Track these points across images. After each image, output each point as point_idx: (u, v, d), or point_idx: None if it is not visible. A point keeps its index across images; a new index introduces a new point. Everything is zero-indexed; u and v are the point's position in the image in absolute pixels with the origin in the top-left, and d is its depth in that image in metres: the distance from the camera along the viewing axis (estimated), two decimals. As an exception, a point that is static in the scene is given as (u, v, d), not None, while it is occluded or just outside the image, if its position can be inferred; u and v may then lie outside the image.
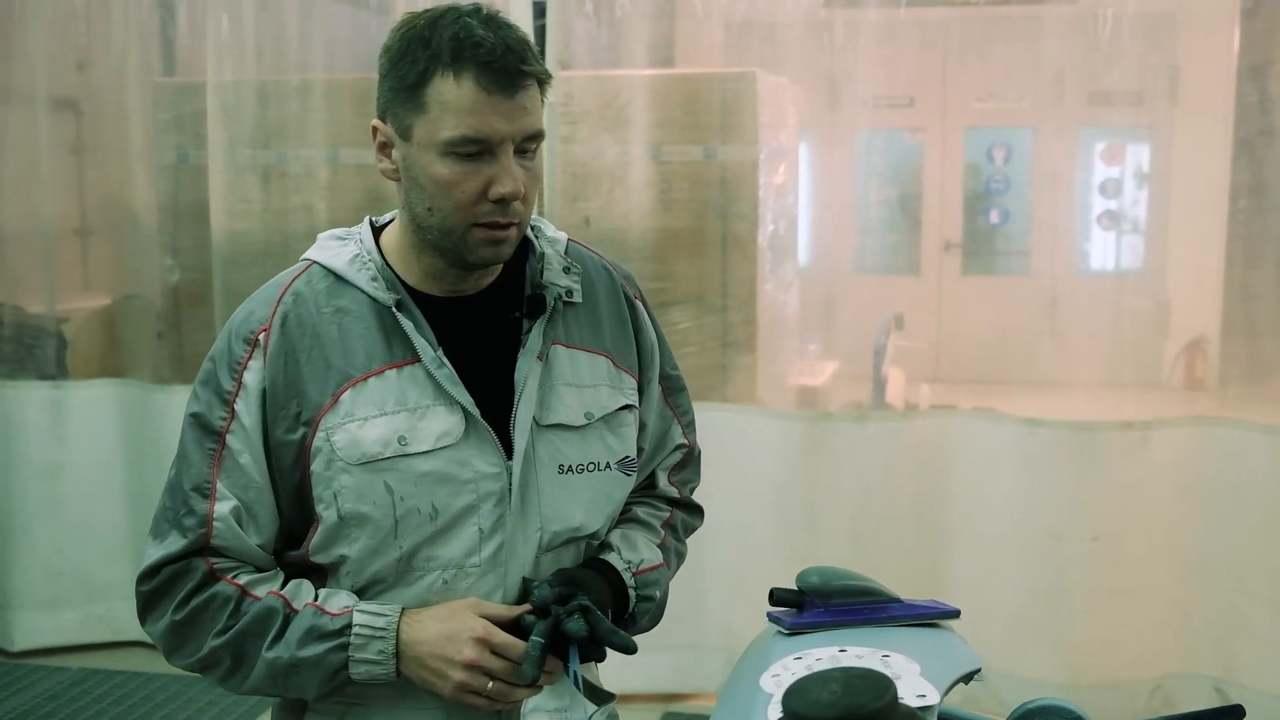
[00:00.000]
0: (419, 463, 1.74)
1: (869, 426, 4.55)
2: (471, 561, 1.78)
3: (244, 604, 1.75)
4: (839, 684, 1.34)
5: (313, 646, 1.72)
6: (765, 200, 4.73)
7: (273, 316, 1.77)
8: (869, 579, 1.85)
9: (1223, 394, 4.74)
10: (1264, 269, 4.46)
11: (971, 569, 4.44)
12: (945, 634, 1.80)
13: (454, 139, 1.67)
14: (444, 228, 1.73)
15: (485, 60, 1.65)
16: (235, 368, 1.76)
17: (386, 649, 1.72)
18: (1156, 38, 4.70)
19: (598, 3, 4.64)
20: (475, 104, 1.66)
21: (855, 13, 4.60)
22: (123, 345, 5.31)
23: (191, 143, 5.09)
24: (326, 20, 4.97)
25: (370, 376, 1.75)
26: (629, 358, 1.96)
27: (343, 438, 1.73)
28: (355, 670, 1.72)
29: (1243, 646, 4.29)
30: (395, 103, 1.72)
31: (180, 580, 1.76)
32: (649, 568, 1.96)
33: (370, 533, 1.74)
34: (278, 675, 1.74)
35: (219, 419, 1.75)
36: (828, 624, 1.79)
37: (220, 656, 1.75)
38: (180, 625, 1.75)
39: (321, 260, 1.82)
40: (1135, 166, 7.25)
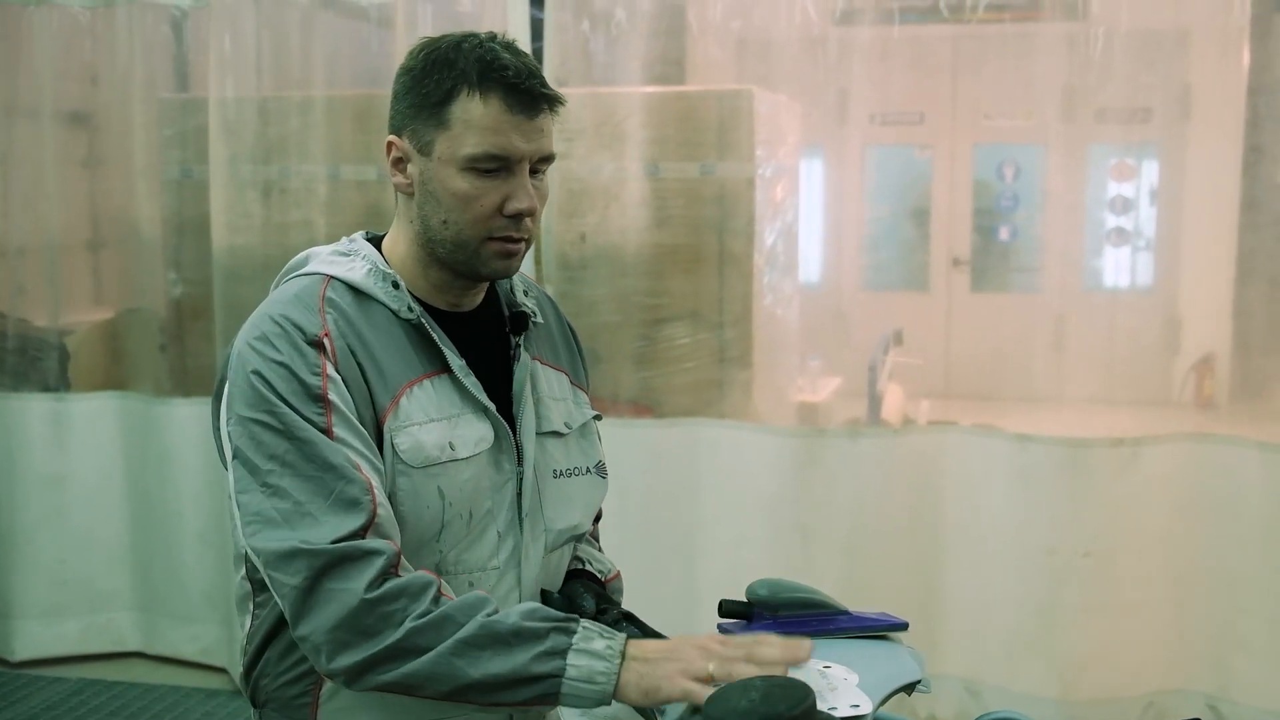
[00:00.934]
0: (463, 468, 1.81)
1: (863, 442, 4.56)
2: (492, 564, 1.84)
3: (441, 599, 1.66)
4: (758, 692, 1.36)
5: (539, 621, 1.65)
6: (763, 217, 4.74)
7: (325, 323, 1.77)
8: (818, 591, 1.88)
9: (1230, 412, 4.73)
10: (1258, 285, 4.46)
11: (965, 584, 4.44)
12: (891, 646, 1.82)
13: (477, 155, 1.75)
14: (458, 240, 1.79)
15: (512, 82, 1.74)
16: (315, 367, 1.73)
17: (615, 646, 1.63)
18: (1166, 54, 4.70)
19: (594, 20, 4.67)
20: (499, 123, 1.74)
21: (853, 31, 4.61)
22: (125, 358, 5.35)
23: (194, 158, 5.13)
24: (328, 37, 5.01)
25: (415, 383, 1.80)
26: (580, 376, 2.09)
27: (405, 440, 1.76)
28: (573, 662, 1.61)
29: (1236, 662, 4.28)
30: (416, 120, 1.79)
31: (368, 558, 1.65)
32: (613, 577, 2.10)
33: (417, 537, 1.77)
34: (485, 644, 1.62)
35: (318, 415, 1.70)
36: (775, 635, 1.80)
37: (414, 639, 1.63)
38: (370, 605, 1.62)
39: (338, 275, 1.84)
40: (1146, 183, 7.25)
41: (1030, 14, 4.61)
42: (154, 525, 5.17)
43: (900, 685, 1.67)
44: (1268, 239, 4.42)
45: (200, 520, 5.05)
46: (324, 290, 1.81)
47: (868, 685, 1.62)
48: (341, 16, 5.06)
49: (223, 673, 5.10)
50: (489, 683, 1.62)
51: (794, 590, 1.86)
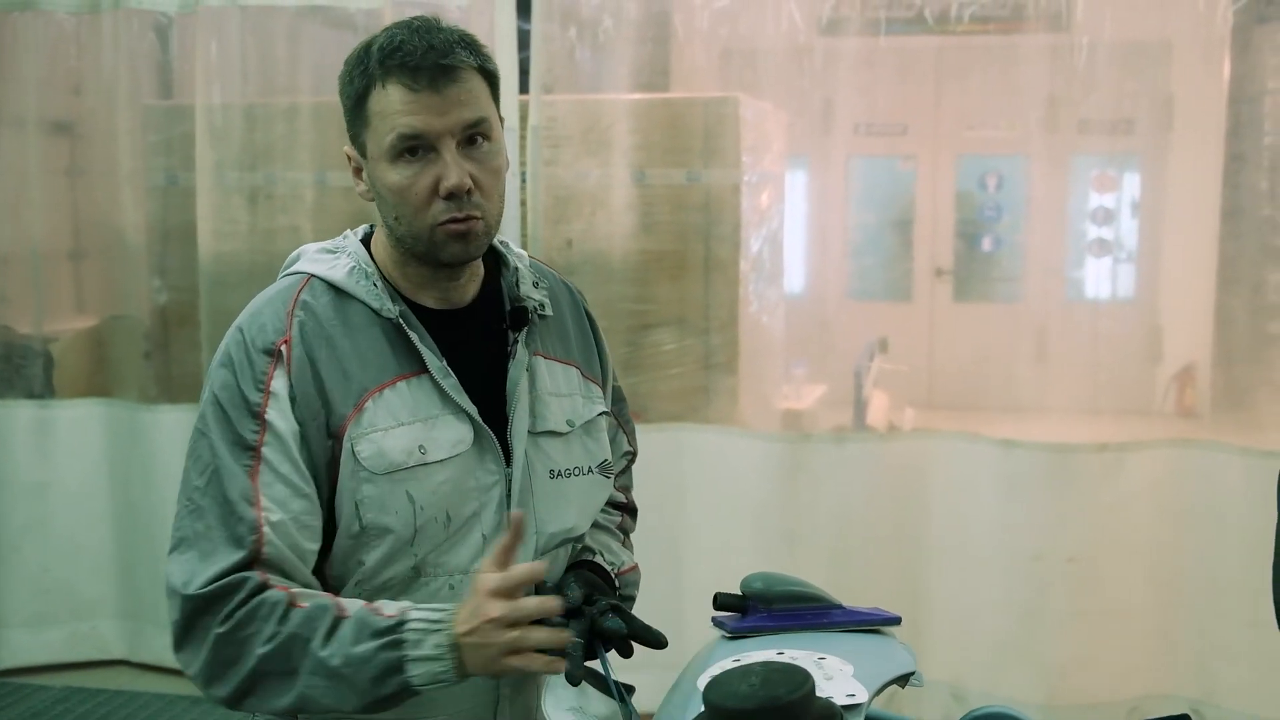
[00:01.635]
0: (436, 471, 1.78)
1: (849, 448, 4.57)
2: (476, 566, 1.79)
3: (292, 612, 1.68)
4: (758, 677, 1.37)
5: (366, 643, 1.65)
6: (748, 224, 4.76)
7: (290, 328, 1.77)
8: (812, 585, 1.89)
9: (1212, 421, 4.75)
10: (1241, 294, 4.49)
11: (950, 590, 4.45)
12: (884, 639, 1.83)
13: (393, 142, 1.73)
14: (413, 233, 1.77)
15: (405, 62, 1.71)
16: (260, 380, 1.74)
17: (443, 640, 1.65)
18: (1148, 66, 4.73)
19: (581, 28, 4.69)
20: (405, 104, 1.71)
21: (841, 40, 4.63)
22: (110, 365, 5.34)
23: (180, 165, 5.12)
24: (314, 44, 5.01)
25: (385, 387, 1.78)
26: (594, 368, 2.04)
27: (367, 448, 1.75)
28: (414, 671, 1.65)
29: (1220, 668, 4.30)
30: (352, 125, 1.80)
31: (230, 594, 1.68)
32: (627, 569, 2.07)
33: (390, 542, 1.77)
34: (330, 677, 1.66)
35: (251, 433, 1.73)
36: (770, 628, 1.82)
37: (267, 666, 1.67)
38: (224, 638, 1.67)
39: (320, 273, 1.84)
40: (1127, 194, 7.29)
41: (1015, 25, 4.64)
42: (139, 533, 5.15)
43: (894, 677, 1.69)
44: (1250, 247, 4.44)
45: (185, 527, 5.03)
46: (298, 292, 1.82)
47: (862, 676, 1.63)
48: (328, 23, 5.06)
49: (208, 680, 5.07)
50: (350, 709, 1.68)
51: (788, 584, 1.87)
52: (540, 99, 4.68)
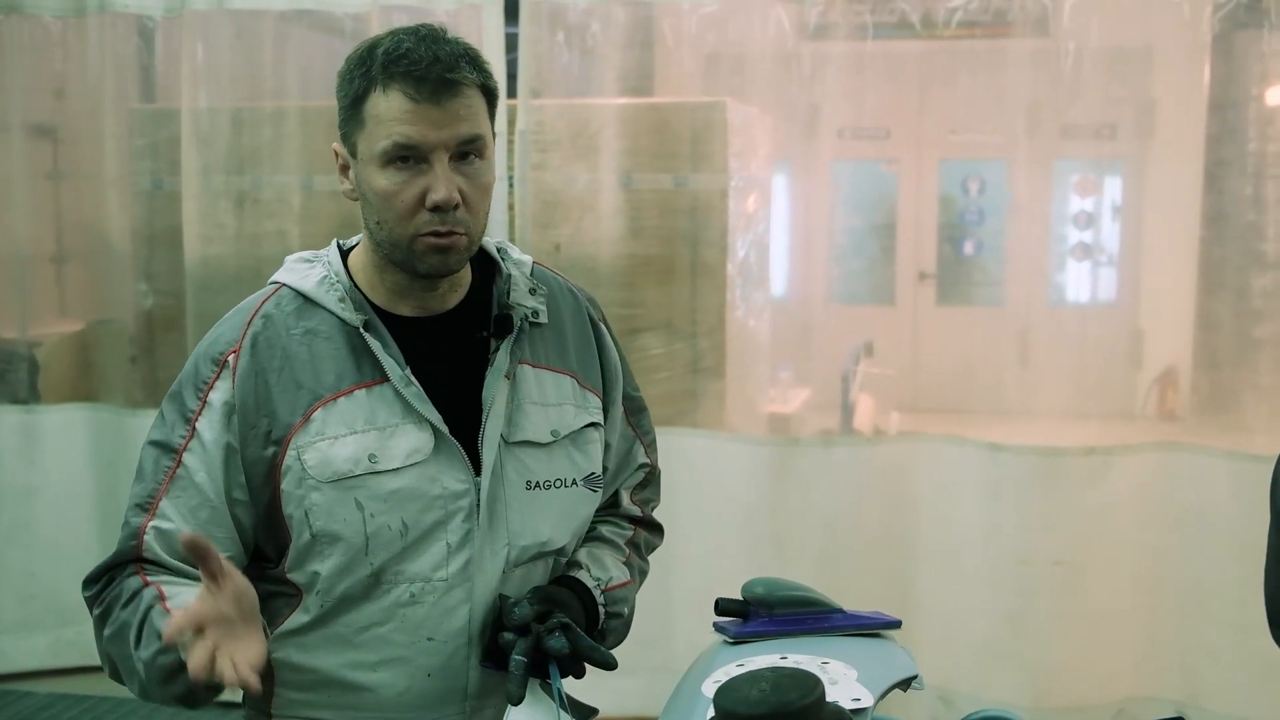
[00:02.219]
0: (388, 480, 1.78)
1: (837, 452, 4.59)
2: (439, 575, 1.80)
3: (139, 598, 1.73)
4: (769, 683, 1.38)
5: (151, 646, 1.70)
6: (735, 228, 4.77)
7: (242, 338, 1.80)
8: (812, 590, 1.89)
9: (1193, 425, 4.78)
10: (1225, 298, 4.52)
11: (938, 593, 4.47)
12: (885, 643, 1.84)
13: (387, 149, 1.72)
14: (392, 240, 1.77)
15: (410, 71, 1.71)
16: (201, 387, 1.78)
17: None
18: (1129, 72, 4.76)
19: (569, 33, 4.70)
20: (404, 113, 1.71)
21: (828, 45, 4.65)
22: (95, 369, 5.32)
23: (166, 169, 5.11)
24: (301, 48, 5.01)
25: (340, 396, 1.78)
26: (593, 377, 2.00)
27: (313, 456, 1.76)
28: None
29: (1206, 670, 4.32)
30: (345, 124, 1.79)
31: (110, 587, 1.78)
32: (617, 585, 2.01)
33: (342, 550, 1.77)
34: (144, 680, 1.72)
35: (179, 437, 1.78)
36: (771, 633, 1.83)
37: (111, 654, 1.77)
38: (96, 622, 1.79)
39: (290, 282, 1.85)
40: (1108, 199, 7.33)
41: (1001, 30, 4.66)
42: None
43: (897, 681, 1.69)
44: (1235, 252, 4.47)
45: (171, 533, 5.01)
46: (262, 304, 1.84)
47: (866, 680, 1.64)
48: (315, 27, 5.06)
49: (193, 686, 5.06)
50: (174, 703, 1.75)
51: (790, 589, 1.87)
52: (528, 103, 4.69)
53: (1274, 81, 4.43)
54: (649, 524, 2.19)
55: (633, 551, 2.11)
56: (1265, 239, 4.40)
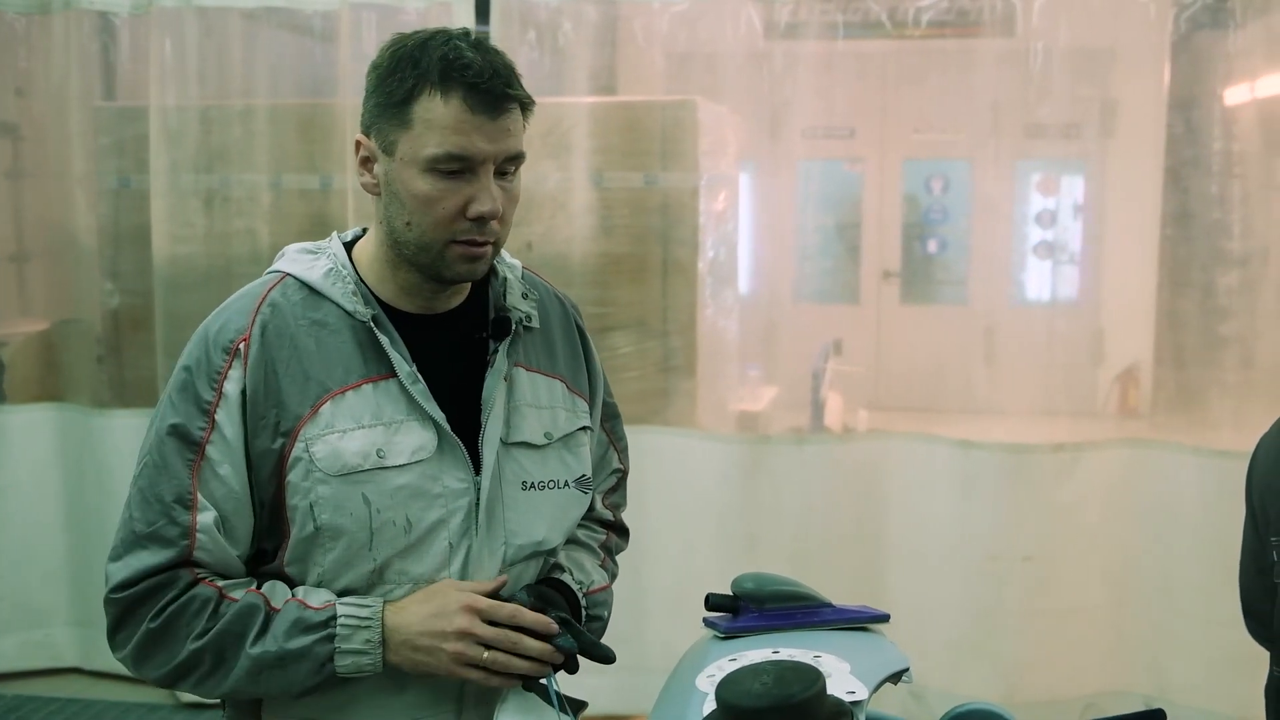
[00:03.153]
0: (395, 476, 1.78)
1: (808, 449, 4.61)
2: (442, 575, 1.81)
3: (222, 605, 1.74)
4: (770, 676, 1.39)
5: (299, 639, 1.72)
6: (705, 227, 4.79)
7: (252, 325, 1.78)
8: (802, 585, 1.90)
9: (1153, 422, 4.83)
10: (1192, 296, 4.56)
11: (909, 589, 4.50)
12: (875, 637, 1.85)
13: (437, 156, 1.71)
14: (421, 243, 1.77)
15: (473, 82, 1.70)
16: (215, 377, 1.76)
17: (373, 638, 1.73)
18: (1091, 72, 4.80)
19: (540, 31, 4.70)
20: (460, 123, 1.70)
21: (795, 44, 4.67)
22: (62, 369, 5.28)
23: (133, 167, 5.08)
24: (270, 46, 4.98)
25: (348, 390, 1.78)
26: (581, 382, 2.02)
27: (322, 449, 1.76)
28: (341, 663, 1.73)
29: (1173, 664, 4.37)
30: (381, 118, 1.76)
31: (161, 591, 1.74)
32: (598, 589, 2.03)
33: (345, 544, 1.77)
34: (263, 670, 1.73)
35: (199, 429, 1.75)
36: (762, 628, 1.83)
37: (200, 659, 1.74)
38: (156, 633, 1.73)
39: (295, 273, 1.84)
40: (1070, 197, 7.39)
41: (971, 30, 4.69)
42: (92, 540, 5.09)
43: (889, 674, 1.71)
44: (1200, 251, 4.52)
45: (139, 533, 4.98)
46: (268, 291, 1.83)
47: (859, 674, 1.65)
48: (284, 26, 5.03)
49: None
50: (282, 694, 1.78)
51: (779, 584, 1.88)
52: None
53: (1238, 81, 4.48)
54: (619, 528, 2.21)
55: (606, 555, 2.13)
56: (1230, 237, 4.45)
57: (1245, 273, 4.47)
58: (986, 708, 1.89)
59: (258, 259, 4.75)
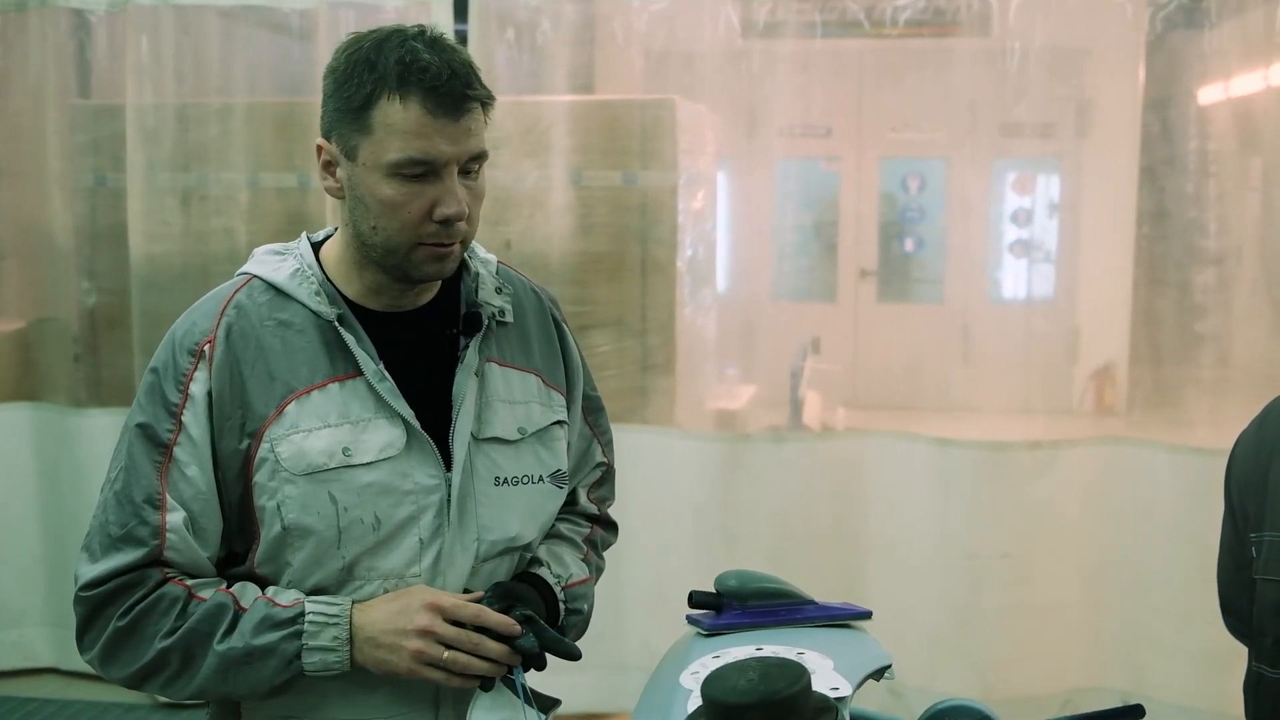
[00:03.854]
0: (362, 474, 1.78)
1: (786, 447, 4.62)
2: (412, 571, 1.81)
3: (191, 604, 1.74)
4: (756, 672, 1.39)
5: (267, 635, 1.72)
6: (684, 225, 4.80)
7: (217, 328, 1.78)
8: (785, 582, 1.91)
9: (1129, 420, 4.85)
10: (1169, 294, 4.59)
11: (887, 586, 4.51)
12: (857, 634, 1.86)
13: (399, 161, 1.71)
14: (388, 246, 1.77)
15: (431, 85, 1.69)
16: (181, 379, 1.77)
17: (341, 635, 1.73)
18: (1066, 71, 4.83)
19: (519, 30, 4.70)
20: (421, 127, 1.69)
21: (773, 43, 4.68)
22: (38, 368, 5.26)
23: (109, 165, 5.06)
24: (248, 44, 4.97)
25: (313, 389, 1.78)
26: (557, 376, 2.02)
27: (287, 449, 1.76)
28: (309, 660, 1.72)
29: (1149, 660, 4.40)
30: (341, 124, 1.75)
31: (130, 590, 1.74)
32: (577, 582, 2.02)
33: (314, 543, 1.77)
34: (230, 668, 1.73)
35: (166, 431, 1.76)
36: (745, 625, 1.84)
37: (167, 658, 1.74)
38: (124, 631, 1.74)
39: (261, 274, 1.84)
40: (1046, 196, 7.43)
41: (947, 29, 4.71)
42: (68, 539, 5.06)
43: (872, 670, 1.72)
44: (1176, 249, 4.55)
45: (116, 533, 4.96)
46: (234, 293, 1.83)
47: (842, 670, 1.66)
48: (262, 24, 5.02)
49: (140, 687, 5.02)
50: (249, 693, 1.77)
51: (762, 581, 1.89)
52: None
53: (1212, 80, 4.51)
54: (605, 522, 2.21)
55: (590, 549, 2.12)
56: (1206, 235, 4.48)
57: (1221, 271, 4.50)
58: (967, 704, 1.89)
59: (235, 258, 4.72)
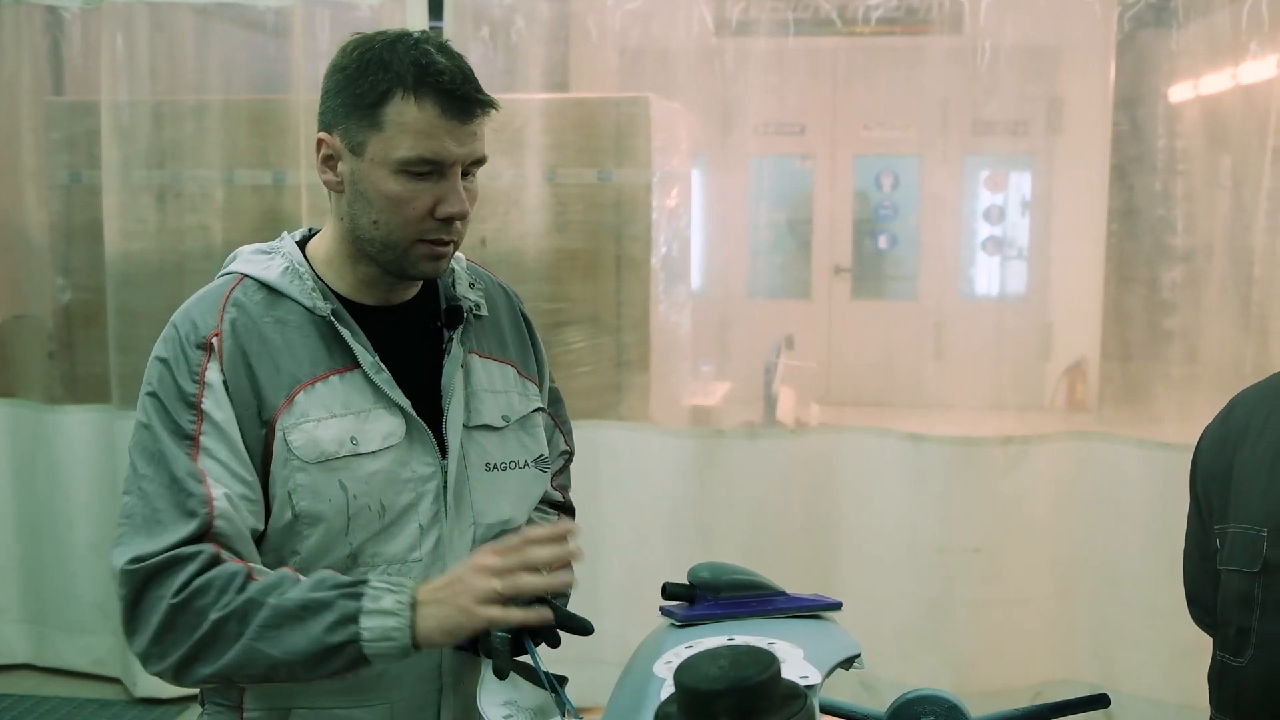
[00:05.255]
0: (368, 462, 1.82)
1: (760, 443, 4.65)
2: (414, 556, 1.86)
3: (249, 584, 1.71)
4: (726, 660, 1.42)
5: (325, 591, 1.70)
6: (659, 223, 4.82)
7: (221, 322, 1.81)
8: (757, 574, 1.95)
9: (1100, 416, 4.90)
10: (1138, 291, 4.63)
11: (859, 581, 4.55)
12: (827, 624, 1.89)
13: (409, 159, 1.76)
14: (388, 241, 1.82)
15: (447, 88, 1.75)
16: (195, 371, 1.78)
17: (403, 599, 1.70)
18: (1037, 70, 4.86)
19: (494, 28, 4.71)
20: (433, 127, 1.75)
21: (747, 41, 4.71)
22: (13, 365, 5.25)
23: (84, 162, 5.06)
24: (223, 42, 4.98)
25: (317, 381, 1.82)
26: (530, 367, 2.10)
27: (299, 437, 1.79)
28: (367, 625, 1.68)
29: (1119, 653, 4.44)
30: (349, 119, 1.80)
31: (181, 565, 1.71)
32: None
33: (323, 530, 1.80)
34: (282, 622, 1.68)
35: (189, 423, 1.76)
36: (718, 616, 1.87)
37: (221, 629, 1.69)
38: (177, 608, 1.69)
39: (252, 273, 1.87)
40: (1018, 194, 7.47)
41: (919, 28, 4.74)
42: (43, 536, 5.08)
43: (842, 659, 1.75)
44: (1145, 246, 4.59)
45: (92, 530, 4.97)
46: (231, 290, 1.86)
47: (812, 659, 1.69)
48: (237, 21, 5.03)
49: (116, 683, 5.02)
50: (294, 660, 1.69)
51: (734, 573, 1.92)
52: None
53: (1181, 79, 4.56)
54: (568, 509, 2.27)
55: None
56: (1175, 233, 4.52)
57: (1189, 268, 4.55)
58: (935, 694, 1.92)
59: (210, 255, 4.74)
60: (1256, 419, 2.03)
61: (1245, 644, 1.95)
